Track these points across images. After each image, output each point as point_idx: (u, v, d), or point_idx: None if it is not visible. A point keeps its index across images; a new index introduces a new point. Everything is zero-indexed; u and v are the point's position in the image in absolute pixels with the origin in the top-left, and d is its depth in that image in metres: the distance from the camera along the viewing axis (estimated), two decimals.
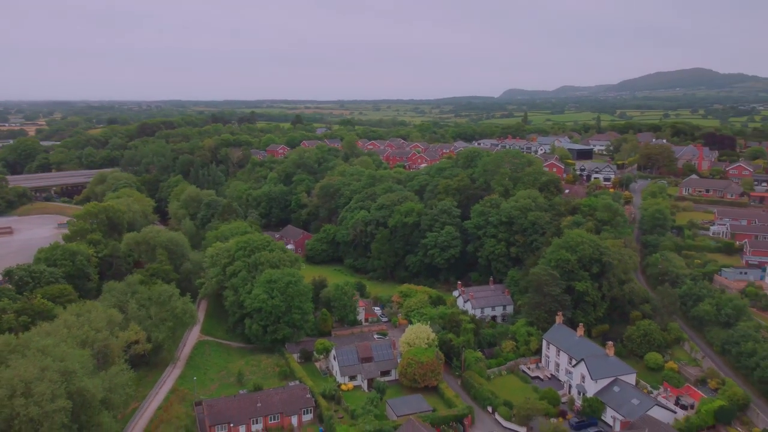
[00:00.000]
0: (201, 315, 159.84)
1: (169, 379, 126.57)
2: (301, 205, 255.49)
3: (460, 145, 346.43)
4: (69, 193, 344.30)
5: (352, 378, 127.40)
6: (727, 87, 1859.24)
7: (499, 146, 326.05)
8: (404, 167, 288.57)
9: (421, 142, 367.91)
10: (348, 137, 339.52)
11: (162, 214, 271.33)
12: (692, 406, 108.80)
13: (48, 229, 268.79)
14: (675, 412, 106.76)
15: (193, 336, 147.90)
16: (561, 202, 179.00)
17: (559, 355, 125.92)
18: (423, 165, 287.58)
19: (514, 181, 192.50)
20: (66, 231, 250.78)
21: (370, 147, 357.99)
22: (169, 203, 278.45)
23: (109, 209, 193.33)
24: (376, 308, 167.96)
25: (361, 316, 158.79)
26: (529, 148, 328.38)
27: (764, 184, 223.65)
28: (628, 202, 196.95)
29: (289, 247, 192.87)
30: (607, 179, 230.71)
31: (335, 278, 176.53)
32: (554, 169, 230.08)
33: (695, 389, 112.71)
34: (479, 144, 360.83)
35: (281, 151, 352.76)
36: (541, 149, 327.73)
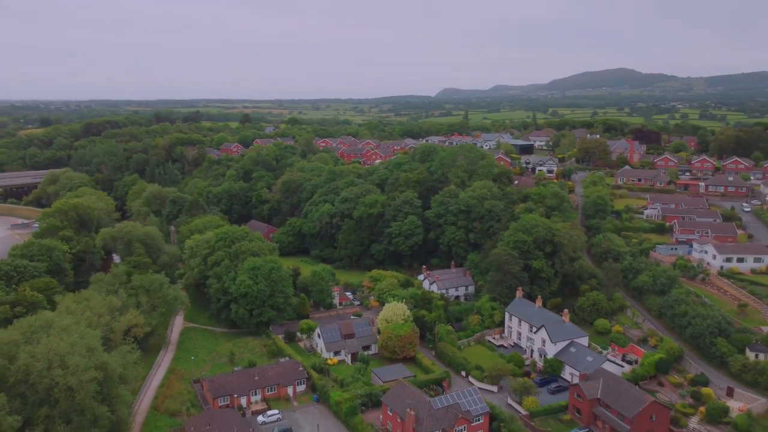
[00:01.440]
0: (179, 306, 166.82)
1: (164, 361, 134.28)
2: (263, 200, 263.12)
3: (410, 142, 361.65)
4: (16, 194, 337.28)
5: (337, 353, 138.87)
6: (649, 86, 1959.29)
7: (447, 143, 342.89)
8: (360, 163, 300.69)
9: (372, 140, 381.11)
10: (305, 135, 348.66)
11: (119, 212, 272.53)
12: (636, 362, 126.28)
13: (1, 230, 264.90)
14: (622, 366, 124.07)
15: (178, 323, 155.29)
16: (513, 192, 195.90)
17: (520, 324, 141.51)
18: (378, 161, 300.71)
19: (470, 173, 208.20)
20: (20, 231, 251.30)
21: (323, 144, 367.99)
22: (126, 201, 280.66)
23: (79, 207, 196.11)
24: (348, 293, 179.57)
25: (335, 300, 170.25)
26: (475, 144, 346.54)
27: (687, 173, 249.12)
28: (571, 191, 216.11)
29: None
30: (550, 171, 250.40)
31: (305, 268, 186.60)
32: (502, 163, 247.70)
33: (638, 347, 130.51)
34: (427, 141, 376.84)
35: (235, 149, 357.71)
36: (486, 145, 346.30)
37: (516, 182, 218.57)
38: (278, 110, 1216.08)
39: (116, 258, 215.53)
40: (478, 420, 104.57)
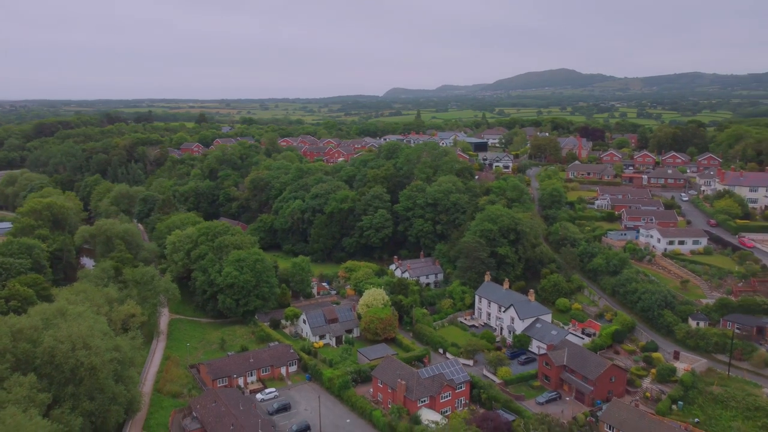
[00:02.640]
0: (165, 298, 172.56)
1: (157, 349, 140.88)
2: (231, 198, 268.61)
3: (369, 141, 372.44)
4: None
5: (322, 337, 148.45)
6: (589, 86, 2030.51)
7: (405, 141, 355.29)
8: (323, 161, 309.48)
9: (332, 139, 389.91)
10: (269, 135, 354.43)
11: (86, 212, 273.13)
12: (594, 334, 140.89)
13: None
14: (583, 339, 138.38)
15: (165, 315, 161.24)
16: (475, 185, 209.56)
17: (490, 306, 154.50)
18: (340, 159, 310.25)
19: (434, 169, 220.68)
20: None
21: (284, 143, 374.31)
22: (91, 201, 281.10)
23: (53, 206, 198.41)
24: (324, 283, 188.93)
25: (314, 290, 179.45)
26: (417, 143, 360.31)
27: (631, 168, 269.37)
28: (527, 184, 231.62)
29: None
30: (506, 167, 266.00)
31: (279, 262, 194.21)
32: (460, 159, 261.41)
33: (595, 322, 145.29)
34: (385, 139, 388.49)
35: (196, 149, 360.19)
36: (443, 143, 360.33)
37: (477, 177, 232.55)
38: (226, 110, 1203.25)
39: (85, 261, 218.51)
40: (461, 387, 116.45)
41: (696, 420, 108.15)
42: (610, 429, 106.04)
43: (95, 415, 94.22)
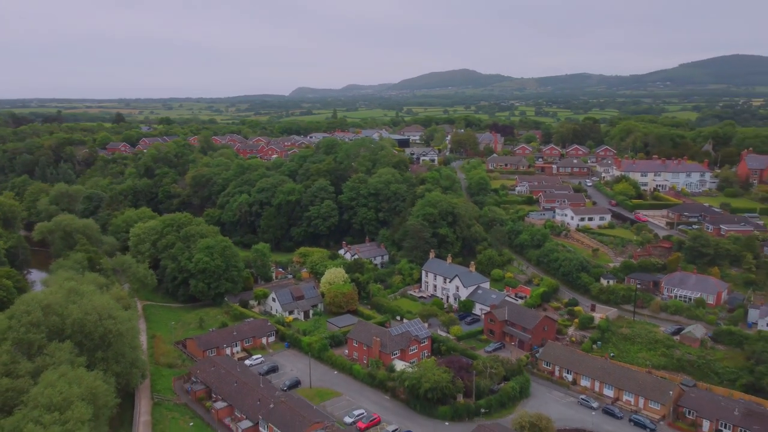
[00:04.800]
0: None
1: (141, 330, 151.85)
2: (171, 195, 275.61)
3: (298, 139, 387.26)
4: None
5: (291, 312, 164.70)
6: (489, 86, 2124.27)
7: (323, 138, 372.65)
8: (258, 158, 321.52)
9: (262, 137, 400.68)
10: (204, 133, 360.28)
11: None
12: (525, 297, 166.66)
13: None
14: (516, 301, 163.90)
15: (136, 302, 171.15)
16: (411, 176, 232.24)
17: (436, 278, 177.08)
18: (274, 156, 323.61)
19: (373, 162, 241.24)
20: None
21: (215, 142, 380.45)
22: (23, 201, 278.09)
23: (3, 205, 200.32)
24: (279, 268, 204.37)
25: (273, 274, 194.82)
26: (354, 139, 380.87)
27: (540, 159, 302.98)
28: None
29: None
30: (432, 160, 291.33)
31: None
32: (395, 153, 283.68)
33: (525, 287, 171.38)
34: (312, 137, 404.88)
35: (123, 148, 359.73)
36: None
37: (410, 169, 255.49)
38: (126, 110, 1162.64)
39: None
40: (424, 342, 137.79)
41: (612, 354, 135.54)
42: (547, 364, 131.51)
43: (121, 376, 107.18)
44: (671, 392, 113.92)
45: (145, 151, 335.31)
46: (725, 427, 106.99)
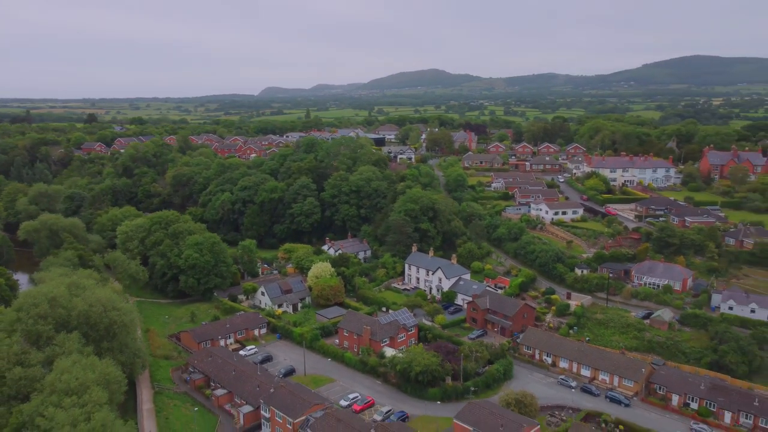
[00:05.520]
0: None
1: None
2: (151, 194, 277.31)
3: (275, 138, 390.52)
4: None
5: (280, 305, 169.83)
6: (458, 86, 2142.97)
7: (303, 137, 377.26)
8: (236, 157, 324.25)
9: (239, 137, 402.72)
10: (182, 133, 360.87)
11: None
12: (504, 287, 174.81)
13: None
14: (497, 291, 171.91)
15: (128, 298, 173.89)
16: (391, 174, 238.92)
17: (419, 271, 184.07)
18: (253, 155, 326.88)
19: (353, 160, 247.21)
20: None
21: (192, 141, 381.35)
22: None
23: None
24: (265, 264, 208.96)
25: (259, 270, 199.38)
26: (331, 138, 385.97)
27: (514, 157, 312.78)
28: None
29: None
30: (409, 158, 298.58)
31: None
32: (375, 151, 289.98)
33: (504, 278, 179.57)
34: (288, 137, 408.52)
35: (99, 148, 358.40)
36: None
37: (389, 167, 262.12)
38: (92, 110, 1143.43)
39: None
40: (411, 330, 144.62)
41: (587, 338, 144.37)
42: (528, 348, 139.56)
43: (125, 366, 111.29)
44: (643, 370, 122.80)
45: (121, 151, 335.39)
46: (692, 401, 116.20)
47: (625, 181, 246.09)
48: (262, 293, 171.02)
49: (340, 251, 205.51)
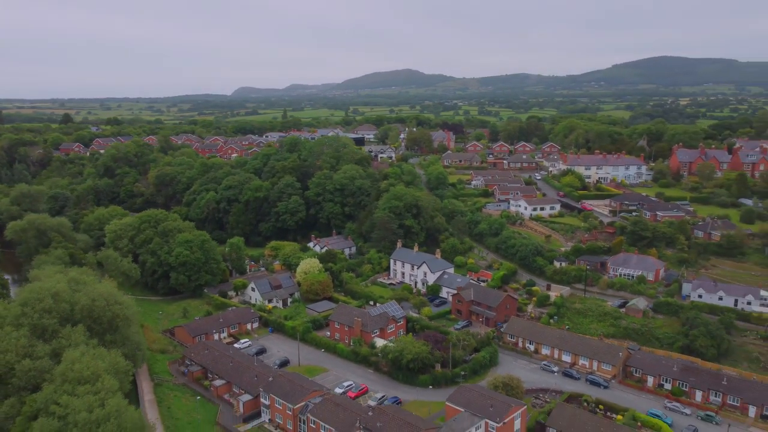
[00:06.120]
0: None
1: None
2: (134, 194, 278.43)
3: (255, 138, 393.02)
4: None
5: (270, 301, 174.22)
6: (432, 86, 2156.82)
7: (286, 137, 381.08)
8: (217, 157, 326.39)
9: (219, 137, 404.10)
10: (163, 133, 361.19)
11: None
12: (486, 281, 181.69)
13: None
14: (479, 284, 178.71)
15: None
16: (374, 172, 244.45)
17: (404, 266, 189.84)
18: (234, 155, 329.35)
19: (337, 159, 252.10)
20: None
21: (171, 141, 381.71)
22: None
23: None
24: (252, 262, 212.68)
25: (247, 267, 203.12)
26: (314, 138, 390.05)
27: (491, 155, 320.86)
28: None
29: None
30: (390, 157, 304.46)
31: None
32: (357, 150, 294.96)
33: (486, 271, 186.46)
34: (267, 137, 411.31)
35: (77, 148, 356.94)
36: None
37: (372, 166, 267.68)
38: (62, 110, 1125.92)
39: None
40: (400, 321, 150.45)
41: (567, 327, 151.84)
42: (512, 337, 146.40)
43: (128, 357, 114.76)
44: (620, 355, 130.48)
45: (101, 151, 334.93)
46: (666, 381, 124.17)
47: (599, 178, 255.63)
48: (252, 289, 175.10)
49: (325, 248, 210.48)
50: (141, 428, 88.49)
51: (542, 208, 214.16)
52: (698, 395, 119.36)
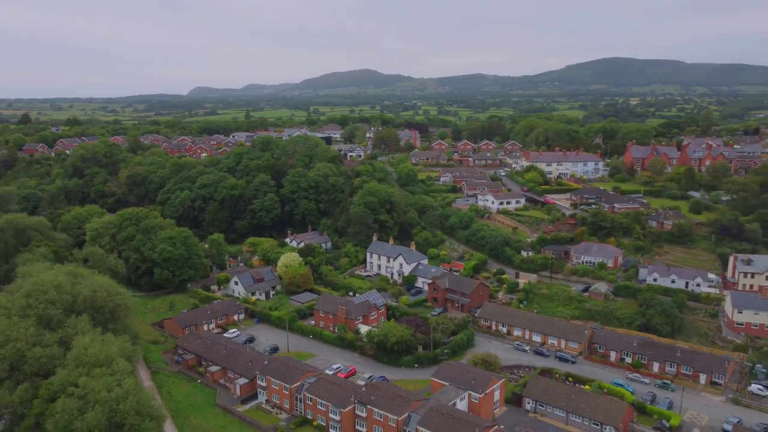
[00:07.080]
0: None
1: None
2: (105, 194, 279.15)
3: (221, 138, 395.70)
4: None
5: (253, 294, 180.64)
6: (391, 86, 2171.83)
7: (254, 137, 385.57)
8: (187, 156, 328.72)
9: (186, 137, 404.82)
10: (132, 133, 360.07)
11: None
12: (458, 271, 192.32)
13: None
14: (453, 273, 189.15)
15: None
16: (347, 169, 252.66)
17: (380, 258, 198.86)
18: (204, 154, 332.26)
19: (309, 158, 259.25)
20: None
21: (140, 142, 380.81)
22: None
23: None
24: (230, 258, 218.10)
25: (227, 263, 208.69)
26: (282, 137, 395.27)
27: (456, 153, 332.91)
28: None
29: None
30: (359, 156, 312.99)
31: None
32: (329, 148, 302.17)
33: (458, 262, 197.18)
34: (235, 137, 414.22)
35: (41, 149, 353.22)
36: None
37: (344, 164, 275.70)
38: (9, 111, 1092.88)
39: None
40: (381, 308, 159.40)
41: (536, 310, 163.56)
42: (486, 320, 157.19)
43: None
44: (585, 333, 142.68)
45: (67, 151, 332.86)
46: (627, 356, 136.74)
47: (559, 173, 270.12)
48: (236, 283, 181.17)
49: (302, 243, 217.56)
50: (155, 407, 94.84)
51: (508, 202, 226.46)
52: (655, 366, 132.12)
